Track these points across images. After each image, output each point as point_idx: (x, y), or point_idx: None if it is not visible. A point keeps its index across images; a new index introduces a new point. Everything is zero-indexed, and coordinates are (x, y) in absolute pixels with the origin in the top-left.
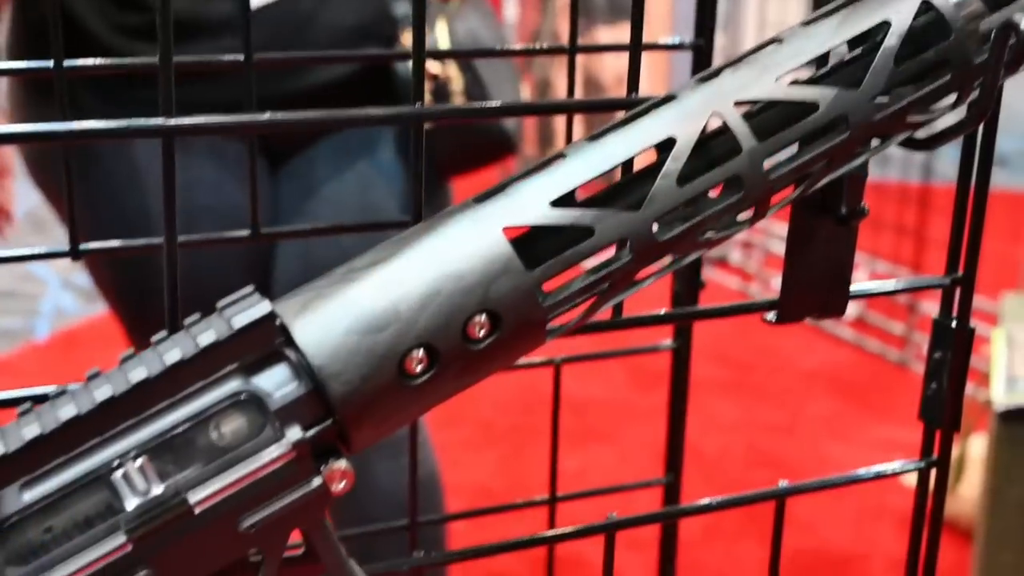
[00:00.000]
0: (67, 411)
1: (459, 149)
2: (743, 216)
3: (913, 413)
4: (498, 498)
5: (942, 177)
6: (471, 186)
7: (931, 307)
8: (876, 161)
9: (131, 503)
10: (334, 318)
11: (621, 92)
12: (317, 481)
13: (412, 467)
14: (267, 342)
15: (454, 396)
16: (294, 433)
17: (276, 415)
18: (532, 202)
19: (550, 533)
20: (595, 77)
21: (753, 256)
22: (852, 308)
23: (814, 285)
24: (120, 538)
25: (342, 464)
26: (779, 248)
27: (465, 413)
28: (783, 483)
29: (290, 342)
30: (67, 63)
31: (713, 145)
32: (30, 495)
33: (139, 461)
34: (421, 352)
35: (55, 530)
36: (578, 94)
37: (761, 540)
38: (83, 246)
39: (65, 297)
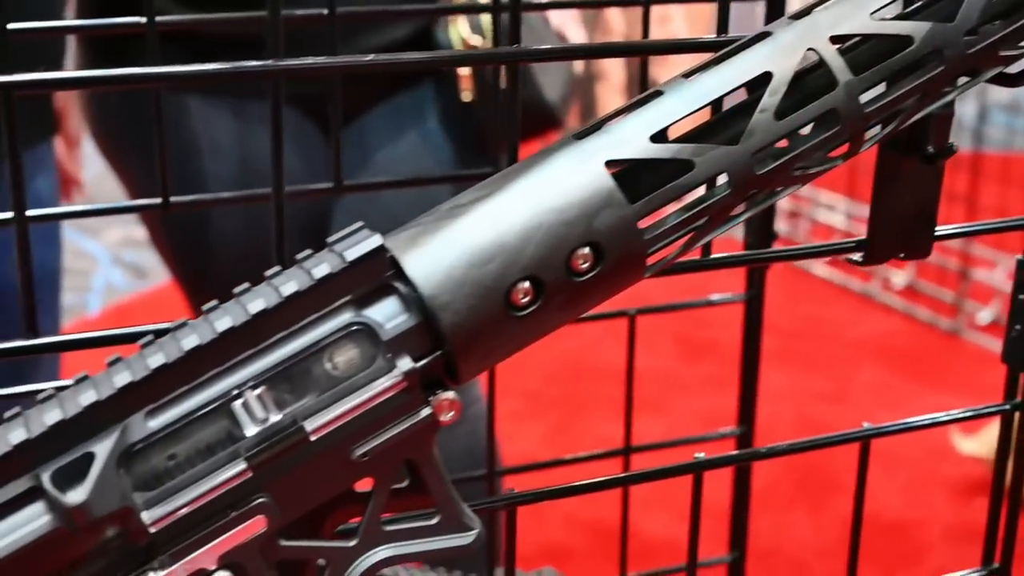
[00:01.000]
0: (189, 341)
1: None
2: (833, 154)
3: (965, 381)
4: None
5: (993, 144)
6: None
7: (983, 274)
8: None
9: (251, 431)
10: (442, 251)
11: (665, 73)
12: (426, 411)
13: (490, 415)
14: (378, 275)
15: (557, 329)
16: (405, 363)
17: (387, 346)
18: (632, 137)
19: (633, 473)
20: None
21: (800, 226)
22: (901, 276)
23: (900, 225)
24: (240, 465)
25: (450, 395)
26: (825, 217)
27: (512, 384)
28: (865, 424)
29: (399, 275)
30: (158, 19)
31: (807, 81)
32: (155, 422)
33: (258, 390)
34: (527, 284)
35: (178, 457)
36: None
37: (811, 509)
38: (173, 199)
39: (115, 273)
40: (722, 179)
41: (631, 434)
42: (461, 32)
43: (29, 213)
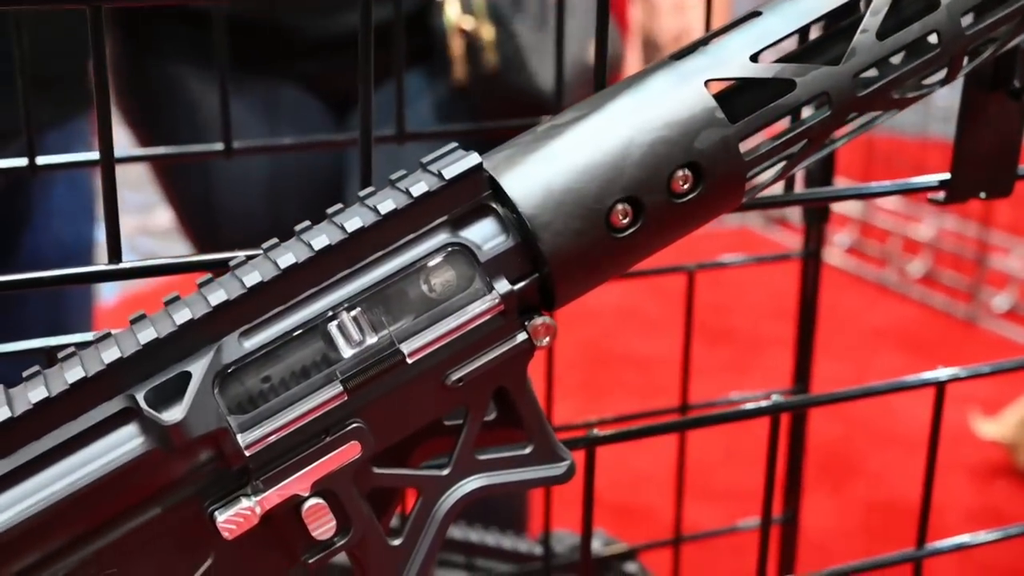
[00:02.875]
0: (285, 260)
1: (495, 109)
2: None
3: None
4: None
5: None
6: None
7: (999, 261)
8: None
9: (346, 353)
10: (541, 171)
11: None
12: (522, 336)
13: (549, 364)
14: (475, 194)
15: (654, 253)
16: (503, 286)
17: (485, 267)
18: (732, 57)
19: (714, 414)
20: (652, 38)
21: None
22: (917, 264)
23: (982, 163)
24: (336, 388)
25: (546, 319)
26: (840, 206)
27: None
28: (940, 368)
29: (497, 196)
30: None
31: (906, 3)
32: (250, 343)
33: (354, 312)
34: (626, 205)
35: (273, 379)
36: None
37: (832, 492)
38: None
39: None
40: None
41: (687, 390)
42: (450, 14)
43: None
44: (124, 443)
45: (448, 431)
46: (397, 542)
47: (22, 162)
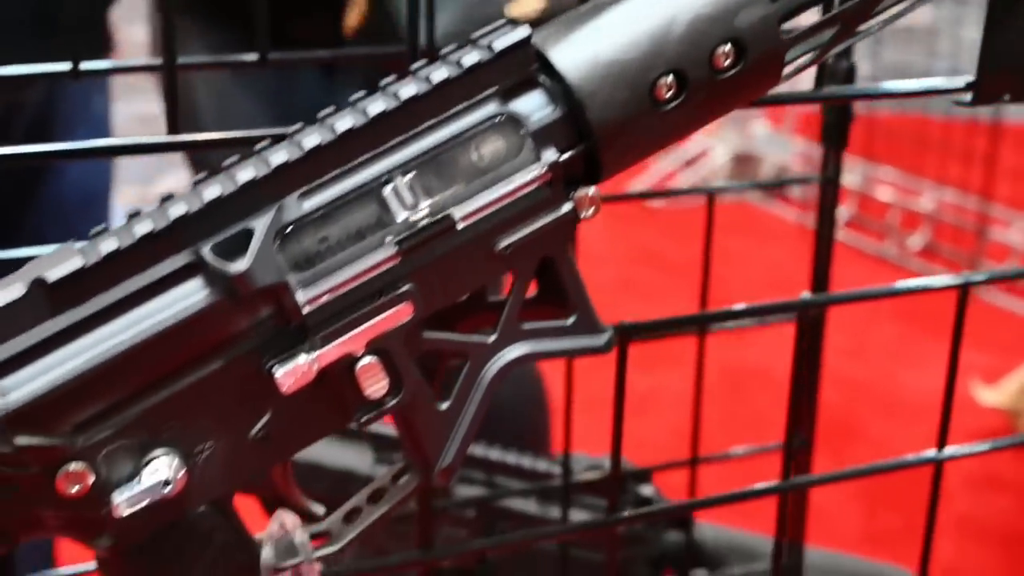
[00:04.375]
0: (343, 124)
1: None
2: None
3: (982, 337)
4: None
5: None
6: None
7: (1000, 232)
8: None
9: (400, 216)
10: (588, 44)
11: None
12: (567, 206)
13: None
14: (524, 67)
15: (696, 131)
16: (549, 155)
17: (533, 137)
18: None
19: (742, 308)
20: None
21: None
22: (917, 238)
23: (1010, 65)
24: (390, 249)
25: (590, 190)
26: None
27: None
28: (964, 272)
29: (545, 69)
30: None
31: None
32: (308, 204)
33: (407, 177)
34: (670, 78)
35: (329, 240)
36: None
37: (832, 458)
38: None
39: None
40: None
41: (707, 299)
42: None
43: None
44: (189, 296)
45: (490, 307)
46: (445, 406)
47: (65, 66)
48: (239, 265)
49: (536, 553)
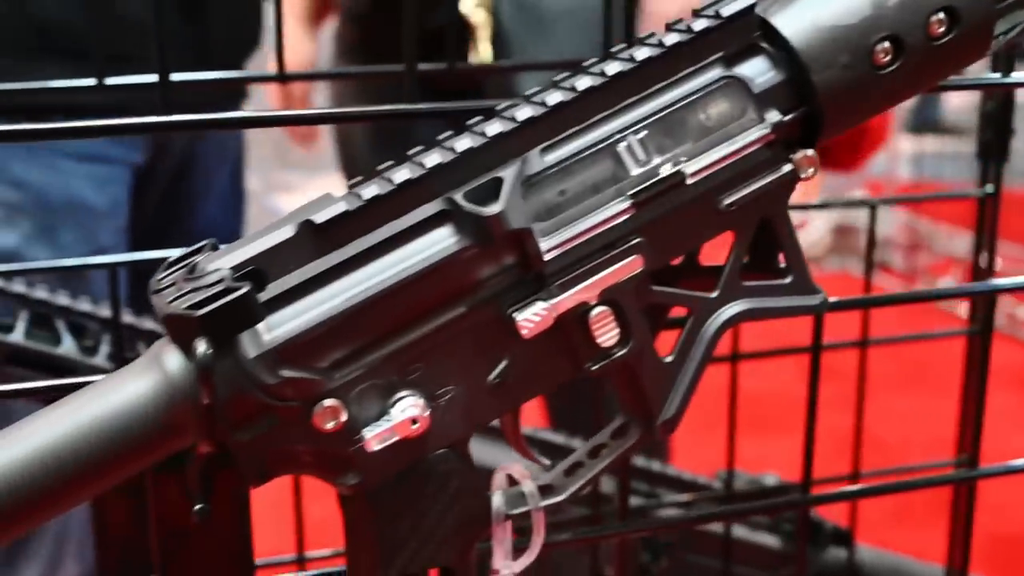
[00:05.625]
0: (583, 83)
1: None
2: None
3: None
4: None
5: None
6: None
7: None
8: None
9: (634, 171)
10: (809, 10)
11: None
12: (787, 167)
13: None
14: (748, 32)
15: (909, 98)
16: (773, 116)
17: (757, 100)
18: None
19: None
20: None
21: (920, 259)
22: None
23: None
24: (625, 202)
25: (809, 152)
26: (945, 247)
27: None
28: None
29: (767, 36)
30: None
31: None
32: (549, 158)
33: (640, 135)
34: (888, 43)
35: (568, 193)
36: None
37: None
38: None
39: None
40: None
41: None
42: None
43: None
44: (441, 242)
45: (703, 273)
46: (669, 359)
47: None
48: (493, 208)
49: (697, 568)
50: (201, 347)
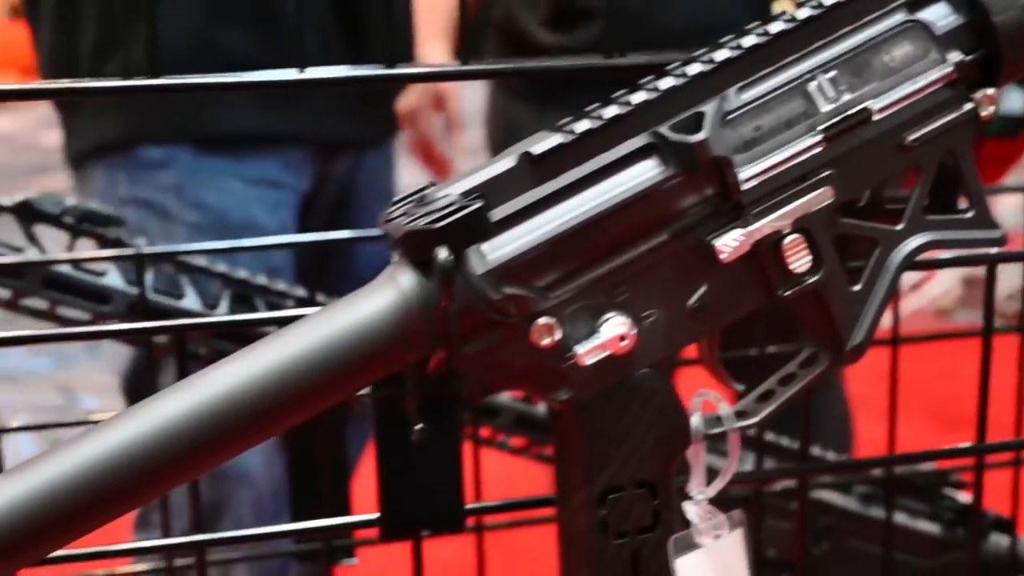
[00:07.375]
0: (775, 27)
1: None
2: None
3: None
4: None
5: None
6: None
7: None
8: None
9: (824, 108)
10: None
11: None
12: (968, 105)
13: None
14: None
15: None
16: (955, 56)
17: (938, 41)
18: None
19: None
20: None
21: None
22: None
23: None
24: (816, 136)
25: (989, 91)
26: None
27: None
28: None
29: None
30: None
31: None
32: (745, 96)
33: (829, 74)
34: None
35: (762, 128)
36: None
37: None
38: None
39: None
40: None
41: None
42: None
43: None
44: (647, 172)
45: (886, 212)
46: (856, 287)
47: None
48: (699, 136)
49: (857, 553)
50: (443, 254)
